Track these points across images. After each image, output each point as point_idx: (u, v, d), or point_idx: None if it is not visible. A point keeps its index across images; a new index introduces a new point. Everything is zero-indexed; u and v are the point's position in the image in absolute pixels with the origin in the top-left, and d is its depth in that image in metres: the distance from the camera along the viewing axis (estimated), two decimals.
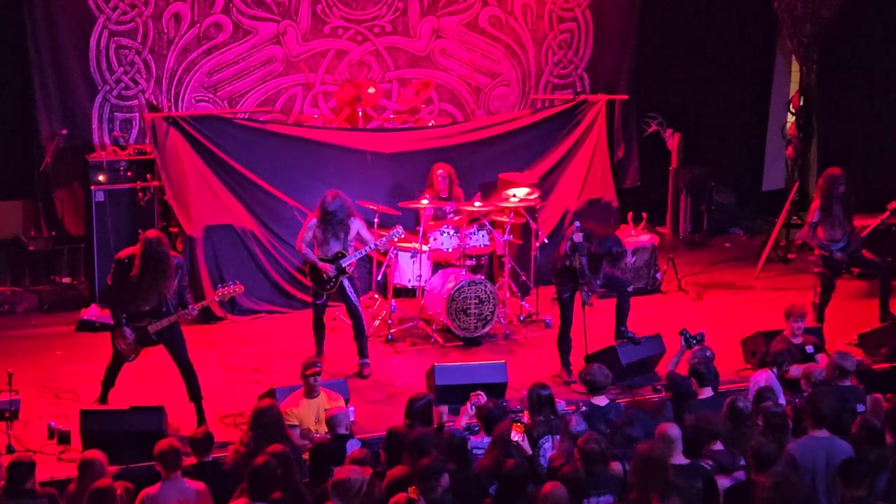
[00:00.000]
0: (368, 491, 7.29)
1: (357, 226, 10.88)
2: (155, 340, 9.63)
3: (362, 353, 10.92)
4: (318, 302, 10.97)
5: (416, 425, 8.29)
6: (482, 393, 8.91)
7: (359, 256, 10.95)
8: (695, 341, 9.75)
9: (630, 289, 11.06)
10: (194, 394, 9.70)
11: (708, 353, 9.53)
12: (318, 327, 11.04)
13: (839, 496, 7.27)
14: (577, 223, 10.81)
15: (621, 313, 10.86)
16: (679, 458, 7.71)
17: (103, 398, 9.83)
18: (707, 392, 9.11)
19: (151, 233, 9.59)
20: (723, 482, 7.62)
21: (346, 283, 10.81)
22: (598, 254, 10.62)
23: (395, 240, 11.39)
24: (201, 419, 9.63)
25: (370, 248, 11.10)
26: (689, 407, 8.92)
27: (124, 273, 9.47)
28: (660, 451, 7.41)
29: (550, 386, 8.90)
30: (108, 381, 9.84)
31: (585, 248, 10.53)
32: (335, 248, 10.76)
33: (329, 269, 10.72)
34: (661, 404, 9.32)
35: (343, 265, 10.75)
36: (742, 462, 7.83)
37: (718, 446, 7.98)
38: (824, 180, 11.78)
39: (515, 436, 7.74)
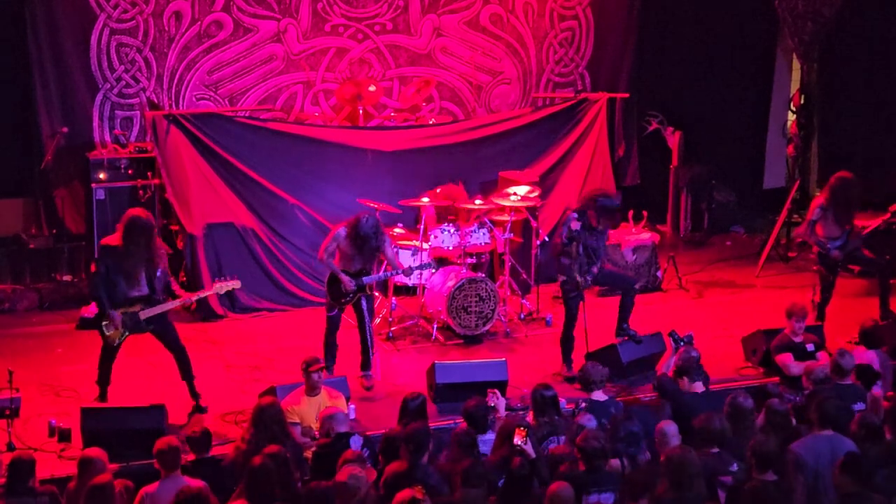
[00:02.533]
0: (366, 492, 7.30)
1: (385, 245, 10.53)
2: (145, 328, 9.66)
3: (365, 365, 10.61)
4: (330, 314, 10.52)
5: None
6: (497, 391, 8.90)
7: (382, 278, 10.66)
8: (682, 342, 9.75)
9: (637, 286, 11.05)
10: (186, 373, 9.83)
11: (693, 354, 9.53)
12: (330, 344, 10.54)
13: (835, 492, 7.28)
14: (574, 213, 10.81)
15: (624, 311, 10.84)
16: None
17: (103, 397, 9.85)
18: (698, 387, 9.13)
19: (136, 210, 9.63)
20: None
21: (364, 301, 10.43)
22: (598, 212, 10.55)
23: (424, 273, 11.27)
24: (195, 396, 9.82)
25: (395, 273, 10.79)
26: (685, 404, 8.94)
27: (110, 258, 9.51)
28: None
29: (552, 384, 8.91)
30: (104, 378, 9.85)
31: (584, 236, 10.52)
32: (359, 264, 10.42)
33: (350, 284, 10.36)
34: (660, 403, 9.34)
35: (365, 283, 10.41)
36: (733, 467, 7.82)
37: (714, 449, 7.98)
38: (833, 180, 11.77)
39: (518, 440, 7.75)
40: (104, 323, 9.62)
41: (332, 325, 10.57)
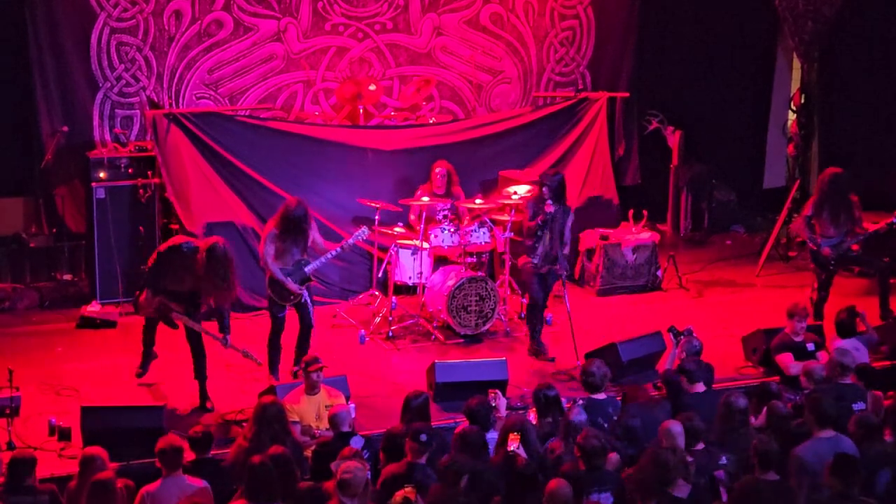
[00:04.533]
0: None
1: (314, 232, 10.49)
2: (172, 325, 10.04)
3: (297, 363, 10.34)
4: (279, 315, 10.45)
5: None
6: (498, 391, 8.91)
7: (322, 263, 10.55)
8: (682, 336, 9.80)
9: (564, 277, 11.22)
10: (199, 373, 9.97)
11: (695, 343, 9.62)
12: (275, 346, 10.51)
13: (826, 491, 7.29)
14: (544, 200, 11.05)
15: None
16: None
17: (145, 365, 10.34)
18: (699, 387, 9.14)
19: (219, 239, 9.93)
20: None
21: (307, 295, 10.40)
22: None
23: (362, 239, 11.17)
24: (203, 396, 9.93)
25: (335, 253, 10.68)
26: (683, 403, 8.96)
27: (173, 259, 9.87)
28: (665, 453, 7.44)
29: (555, 384, 8.94)
30: (147, 348, 10.26)
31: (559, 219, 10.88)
32: (296, 256, 10.35)
33: (295, 288, 10.30)
34: (657, 400, 9.35)
35: (307, 272, 10.36)
36: (723, 461, 7.84)
37: (699, 445, 8.00)
38: (822, 177, 11.86)
39: (512, 445, 7.76)
40: (140, 297, 10.02)
41: (277, 327, 10.52)
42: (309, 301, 10.44)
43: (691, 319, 11.48)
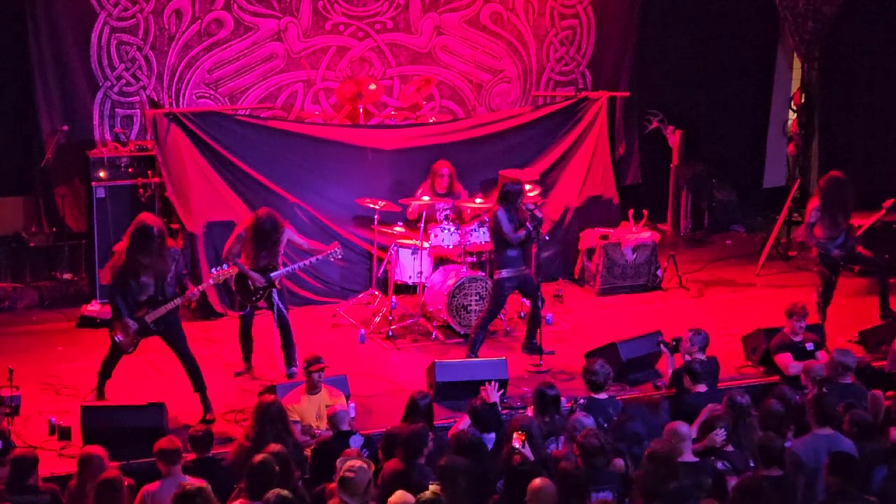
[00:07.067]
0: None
1: (287, 235, 10.60)
2: (153, 331, 9.67)
3: (290, 362, 10.54)
4: (242, 313, 10.65)
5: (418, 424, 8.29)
6: (495, 384, 8.90)
7: (288, 272, 10.69)
8: (675, 343, 9.85)
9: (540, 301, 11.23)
10: (198, 384, 9.79)
11: (703, 333, 9.67)
12: (245, 339, 10.76)
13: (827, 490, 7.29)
14: (529, 205, 11.18)
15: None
16: (688, 457, 7.72)
17: (100, 392, 9.90)
18: (701, 388, 9.15)
19: (143, 216, 9.69)
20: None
21: (275, 293, 10.48)
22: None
23: (331, 260, 11.16)
24: (206, 408, 9.75)
25: (301, 265, 10.81)
26: (685, 402, 8.96)
27: (121, 265, 9.54)
28: (670, 450, 7.42)
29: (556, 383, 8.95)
30: (105, 374, 9.91)
31: (541, 223, 11.00)
32: (264, 260, 10.45)
33: (259, 280, 10.40)
34: (657, 401, 9.35)
35: (272, 278, 10.44)
36: (752, 464, 7.84)
37: (729, 448, 8.00)
38: (824, 182, 11.83)
39: (517, 444, 7.76)
40: (116, 330, 9.66)
41: (244, 323, 10.68)
42: (278, 300, 10.45)
43: (691, 319, 11.51)
